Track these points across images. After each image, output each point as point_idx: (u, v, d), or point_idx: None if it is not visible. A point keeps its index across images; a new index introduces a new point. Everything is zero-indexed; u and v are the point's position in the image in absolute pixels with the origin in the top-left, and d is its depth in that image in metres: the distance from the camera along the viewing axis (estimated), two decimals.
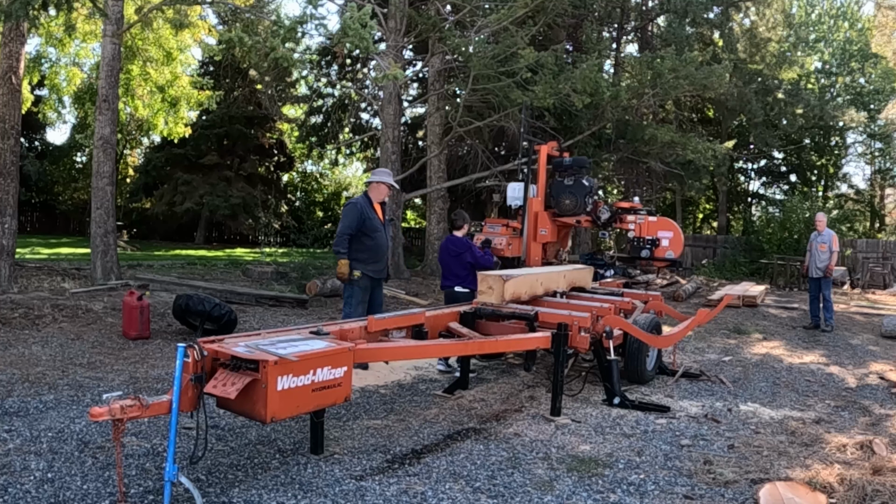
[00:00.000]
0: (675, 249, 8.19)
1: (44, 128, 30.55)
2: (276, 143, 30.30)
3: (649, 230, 8.28)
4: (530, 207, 8.13)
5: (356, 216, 5.93)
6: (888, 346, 9.11)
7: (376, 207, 6.14)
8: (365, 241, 6.00)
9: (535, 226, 8.15)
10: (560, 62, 14.42)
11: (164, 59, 17.77)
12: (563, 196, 8.28)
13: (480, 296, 5.79)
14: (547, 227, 8.23)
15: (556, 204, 8.31)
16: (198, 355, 3.37)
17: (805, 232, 17.25)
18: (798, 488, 3.62)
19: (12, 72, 10.19)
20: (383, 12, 14.37)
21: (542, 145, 8.55)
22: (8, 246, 10.13)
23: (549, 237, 8.19)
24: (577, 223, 8.36)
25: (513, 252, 7.91)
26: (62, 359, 6.32)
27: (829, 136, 26.65)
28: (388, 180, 6.26)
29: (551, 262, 8.34)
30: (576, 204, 8.19)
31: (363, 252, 5.99)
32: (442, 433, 4.63)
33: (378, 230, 6.05)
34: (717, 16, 19.47)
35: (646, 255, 8.21)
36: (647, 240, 8.21)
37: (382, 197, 6.22)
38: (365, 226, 5.96)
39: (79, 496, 3.39)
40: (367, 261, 6.02)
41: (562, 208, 8.28)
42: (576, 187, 8.25)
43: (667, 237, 8.22)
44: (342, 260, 5.90)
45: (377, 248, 6.05)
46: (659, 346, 6.20)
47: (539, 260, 8.02)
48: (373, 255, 6.04)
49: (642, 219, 8.34)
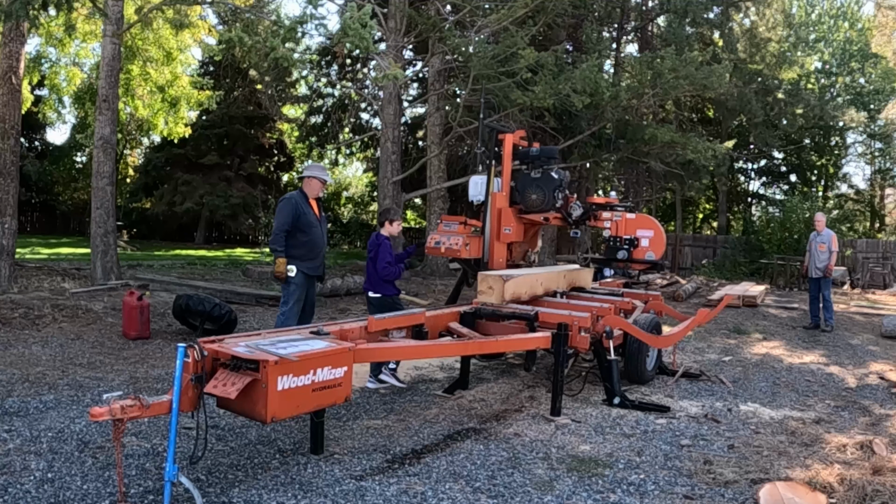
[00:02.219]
0: (656, 250, 7.24)
1: (44, 128, 30.56)
2: (276, 143, 30.31)
3: (627, 229, 7.34)
4: (493, 203, 7.15)
5: (290, 212, 5.73)
6: (888, 346, 9.11)
7: (312, 203, 5.93)
8: (300, 237, 5.81)
9: (498, 224, 7.09)
10: (560, 62, 14.41)
11: (164, 59, 17.78)
12: (530, 190, 7.15)
13: (480, 296, 5.79)
14: (511, 226, 7.11)
15: (522, 199, 7.23)
16: (198, 355, 3.37)
17: (805, 232, 17.25)
18: (798, 488, 3.62)
19: (12, 72, 10.19)
20: (383, 12, 14.36)
21: (508, 133, 7.52)
22: (8, 246, 10.13)
23: (514, 236, 7.13)
24: (544, 220, 7.26)
25: (471, 253, 6.97)
26: (62, 359, 6.32)
27: (829, 136, 26.65)
28: (322, 175, 6.05)
29: (518, 264, 7.53)
30: (543, 199, 7.05)
31: (298, 248, 5.81)
32: (442, 433, 4.63)
33: (314, 226, 5.87)
34: (717, 16, 19.46)
35: (623, 256, 7.27)
36: (624, 239, 7.33)
37: (317, 192, 6.00)
38: (300, 222, 5.77)
39: (79, 496, 3.39)
40: (302, 257, 5.83)
41: (528, 204, 7.18)
42: (544, 180, 7.09)
43: (647, 236, 7.26)
44: (280, 258, 5.75)
45: (312, 244, 5.86)
46: (659, 346, 6.20)
47: (503, 262, 7.08)
48: (308, 252, 5.86)
49: (619, 216, 7.39)
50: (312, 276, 5.97)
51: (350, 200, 36.10)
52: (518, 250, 7.55)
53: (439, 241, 6.91)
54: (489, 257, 7.08)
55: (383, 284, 5.89)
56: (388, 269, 5.83)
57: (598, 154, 17.17)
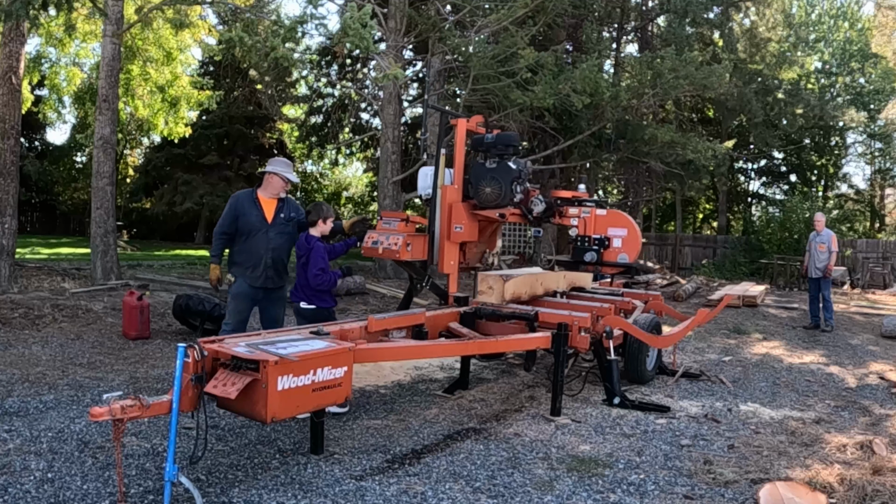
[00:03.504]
0: (630, 251, 6.41)
1: (44, 128, 30.56)
2: (276, 143, 30.29)
3: (597, 227, 6.48)
4: (443, 198, 6.13)
5: (228, 213, 5.15)
6: (888, 346, 9.11)
7: (264, 203, 5.21)
8: (240, 241, 5.17)
9: (448, 221, 6.08)
10: (560, 62, 14.42)
11: (164, 59, 17.77)
12: (484, 182, 6.16)
13: (480, 296, 5.79)
14: (464, 223, 6.10)
15: (476, 193, 6.21)
16: (198, 355, 3.37)
17: (805, 232, 17.25)
18: (798, 488, 3.62)
19: (12, 72, 10.19)
20: (383, 12, 14.36)
21: (461, 118, 6.53)
22: (8, 246, 10.13)
23: (466, 235, 6.14)
24: (500, 217, 6.17)
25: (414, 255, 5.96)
26: (62, 359, 6.32)
27: (829, 136, 26.65)
28: (284, 172, 5.27)
29: (474, 267, 6.65)
30: (499, 192, 6.06)
31: (238, 255, 5.18)
32: (442, 433, 4.63)
33: (255, 230, 5.12)
34: (717, 16, 19.47)
35: (591, 258, 6.46)
36: (593, 239, 6.46)
37: (277, 192, 5.25)
38: (239, 223, 5.14)
39: (79, 496, 3.39)
40: (241, 264, 5.17)
41: (482, 198, 6.17)
42: (500, 171, 6.12)
43: (619, 236, 6.41)
44: (212, 265, 5.25)
45: (251, 250, 5.12)
46: (659, 346, 6.20)
47: (454, 265, 6.17)
48: (246, 259, 5.14)
49: (588, 212, 6.51)
50: (260, 287, 5.17)
51: (350, 200, 36.11)
52: (473, 251, 6.60)
53: (377, 241, 5.95)
54: (438, 259, 6.12)
55: (317, 294, 5.06)
56: (321, 278, 4.96)
57: (598, 154, 17.17)
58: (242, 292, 5.15)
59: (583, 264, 6.60)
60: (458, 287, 6.28)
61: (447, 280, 6.19)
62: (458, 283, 6.31)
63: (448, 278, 6.10)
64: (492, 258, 6.79)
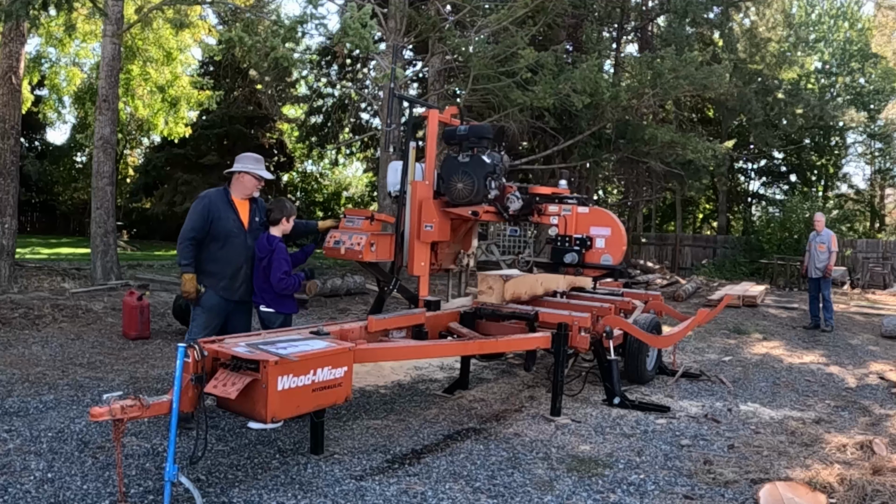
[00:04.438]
0: (614, 252, 5.89)
1: (44, 128, 30.58)
2: (276, 143, 30.30)
3: (578, 226, 5.98)
4: (413, 194, 5.66)
5: (201, 215, 4.54)
6: (888, 346, 9.11)
7: (238, 205, 4.70)
8: (213, 247, 4.59)
9: (418, 219, 5.63)
10: (560, 62, 14.41)
11: (164, 59, 17.78)
12: (456, 177, 5.69)
13: (480, 296, 5.79)
14: (434, 221, 5.62)
15: (447, 189, 5.74)
16: (198, 355, 3.37)
17: (805, 232, 17.26)
18: (798, 488, 3.62)
19: (12, 72, 10.20)
20: (383, 12, 14.36)
21: (433, 109, 6.08)
22: (8, 246, 10.14)
23: (437, 234, 5.64)
24: (472, 215, 5.69)
25: (378, 255, 5.53)
26: (62, 359, 6.32)
27: (829, 136, 26.66)
28: (256, 170, 4.72)
29: (448, 268, 6.16)
30: (472, 188, 5.60)
31: (210, 263, 4.59)
32: (442, 433, 4.63)
33: (232, 235, 4.61)
34: (717, 16, 19.47)
35: (572, 259, 5.95)
36: (575, 239, 5.96)
37: (249, 192, 4.74)
38: (213, 228, 4.56)
39: (79, 496, 3.39)
40: (215, 274, 4.59)
41: (454, 194, 5.69)
42: (472, 165, 5.66)
43: (602, 235, 5.91)
44: (187, 274, 4.52)
45: (227, 259, 4.61)
46: (659, 346, 6.20)
47: (425, 266, 5.72)
48: (221, 269, 4.60)
49: (569, 210, 6.02)
50: (231, 300, 4.68)
51: (350, 200, 36.12)
52: (446, 252, 6.09)
53: (339, 241, 5.51)
54: (408, 260, 5.67)
55: (280, 299, 4.72)
56: (286, 282, 4.61)
57: (598, 154, 17.17)
58: (216, 306, 4.60)
59: (562, 266, 6.12)
60: (431, 290, 5.82)
61: (418, 283, 5.75)
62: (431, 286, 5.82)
63: (419, 281, 5.70)
64: (466, 259, 6.23)
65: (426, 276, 5.71)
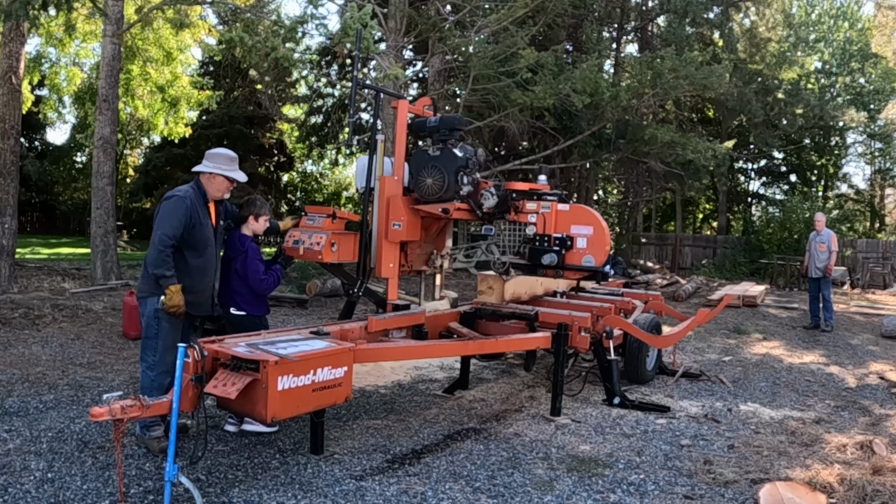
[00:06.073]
0: (597, 253, 5.43)
1: (44, 128, 30.60)
2: (276, 143, 30.30)
3: (558, 224, 5.55)
4: (381, 190, 5.25)
5: (181, 219, 3.96)
6: (888, 346, 9.11)
7: (210, 209, 4.24)
8: (188, 256, 4.04)
9: (386, 217, 5.21)
10: (560, 62, 14.42)
11: (164, 59, 17.78)
12: (425, 172, 5.27)
13: (480, 296, 5.79)
14: (403, 220, 5.18)
15: (416, 185, 5.33)
16: (198, 355, 3.37)
17: (805, 232, 17.26)
18: (798, 488, 3.62)
19: (12, 72, 10.19)
20: (383, 12, 14.36)
21: (402, 99, 5.63)
22: (8, 246, 10.13)
23: (406, 234, 5.21)
24: (443, 213, 5.22)
25: (341, 256, 5.10)
26: (62, 359, 6.32)
27: (829, 136, 26.67)
28: (229, 171, 4.23)
29: (420, 270, 5.74)
30: (442, 184, 5.17)
31: (184, 275, 4.00)
32: (442, 433, 4.63)
33: (209, 244, 4.15)
34: (717, 16, 19.48)
35: (550, 261, 5.50)
36: (554, 238, 5.52)
37: (219, 195, 4.26)
38: (191, 235, 4.02)
39: (79, 496, 3.39)
40: (188, 288, 3.98)
41: (423, 191, 5.27)
42: (443, 159, 5.24)
43: (584, 235, 5.46)
44: (173, 286, 3.88)
45: (202, 270, 4.11)
46: (659, 346, 6.20)
47: (394, 268, 5.28)
48: (196, 282, 4.07)
49: (548, 207, 5.58)
50: (196, 315, 4.21)
51: (350, 200, 36.12)
52: (417, 252, 5.65)
53: (299, 240, 5.09)
54: (376, 261, 5.23)
55: (254, 300, 4.49)
56: (266, 282, 4.42)
57: (598, 154, 17.17)
58: (180, 323, 4.04)
59: (541, 268, 5.68)
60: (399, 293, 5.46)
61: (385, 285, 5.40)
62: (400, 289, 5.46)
63: (387, 283, 5.34)
64: (440, 260, 5.81)
65: (395, 279, 5.37)
